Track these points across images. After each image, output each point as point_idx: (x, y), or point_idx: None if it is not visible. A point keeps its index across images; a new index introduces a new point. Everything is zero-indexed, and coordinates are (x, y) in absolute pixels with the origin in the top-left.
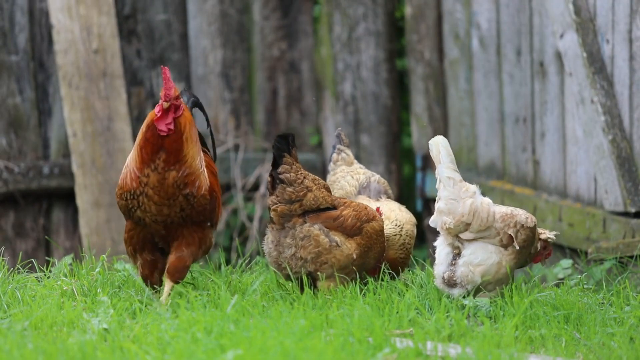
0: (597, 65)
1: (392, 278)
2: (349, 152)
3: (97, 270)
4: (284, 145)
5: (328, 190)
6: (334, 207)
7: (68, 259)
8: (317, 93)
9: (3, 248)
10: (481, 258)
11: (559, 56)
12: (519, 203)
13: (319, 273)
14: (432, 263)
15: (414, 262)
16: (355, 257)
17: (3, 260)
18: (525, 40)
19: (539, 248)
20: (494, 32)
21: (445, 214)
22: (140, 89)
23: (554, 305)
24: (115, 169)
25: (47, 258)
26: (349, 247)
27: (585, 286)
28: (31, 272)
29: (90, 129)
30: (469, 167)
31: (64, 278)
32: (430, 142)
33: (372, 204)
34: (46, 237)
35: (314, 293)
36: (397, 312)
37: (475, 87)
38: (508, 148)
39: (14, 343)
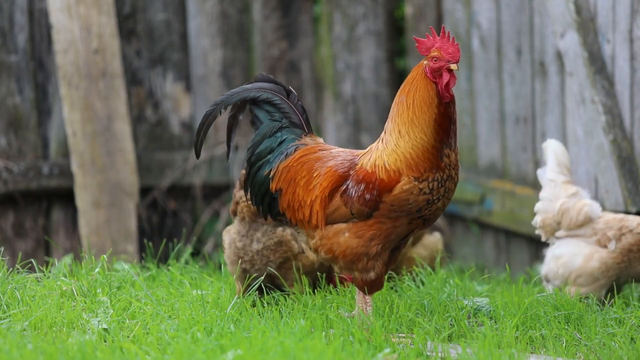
0: (598, 65)
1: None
2: None
3: (96, 270)
4: None
5: None
6: None
7: (68, 259)
8: (317, 93)
9: (2, 248)
10: (564, 251)
11: (559, 56)
12: (520, 203)
13: (280, 277)
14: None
15: (419, 262)
16: (316, 266)
17: (2, 260)
18: (525, 40)
19: None
20: (495, 31)
21: (541, 213)
22: (140, 88)
23: (554, 305)
24: (115, 169)
25: (46, 258)
26: (312, 255)
27: None
28: (31, 272)
29: (90, 128)
30: (469, 167)
31: (64, 278)
32: (543, 145)
33: None
34: (46, 237)
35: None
36: (397, 312)
37: (475, 87)
38: (509, 148)
39: (14, 343)
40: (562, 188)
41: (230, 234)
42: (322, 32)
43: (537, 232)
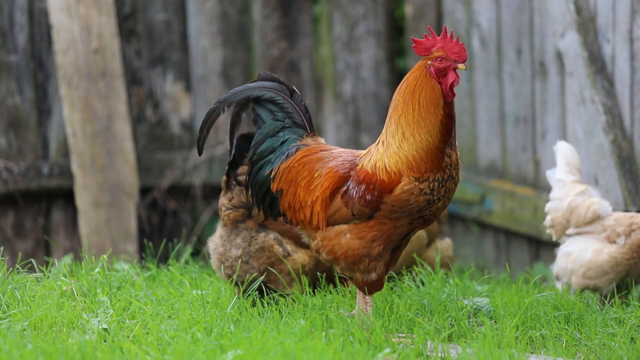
0: (598, 65)
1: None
2: None
3: (96, 270)
4: (246, 145)
5: None
6: None
7: (67, 259)
8: (317, 93)
9: (2, 248)
10: (574, 248)
11: (559, 56)
12: (520, 203)
13: (271, 282)
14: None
15: (420, 263)
16: (307, 268)
17: (2, 260)
18: (525, 40)
19: None
20: (495, 31)
21: (551, 212)
22: (140, 88)
23: (554, 305)
24: (115, 168)
25: (46, 258)
26: (301, 257)
27: None
28: (31, 272)
29: (90, 128)
30: (469, 167)
31: (64, 278)
32: (554, 147)
33: None
34: (45, 237)
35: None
36: (397, 312)
37: (475, 87)
38: (509, 148)
39: (14, 343)
40: (571, 187)
41: (214, 240)
42: (322, 32)
43: (547, 231)
